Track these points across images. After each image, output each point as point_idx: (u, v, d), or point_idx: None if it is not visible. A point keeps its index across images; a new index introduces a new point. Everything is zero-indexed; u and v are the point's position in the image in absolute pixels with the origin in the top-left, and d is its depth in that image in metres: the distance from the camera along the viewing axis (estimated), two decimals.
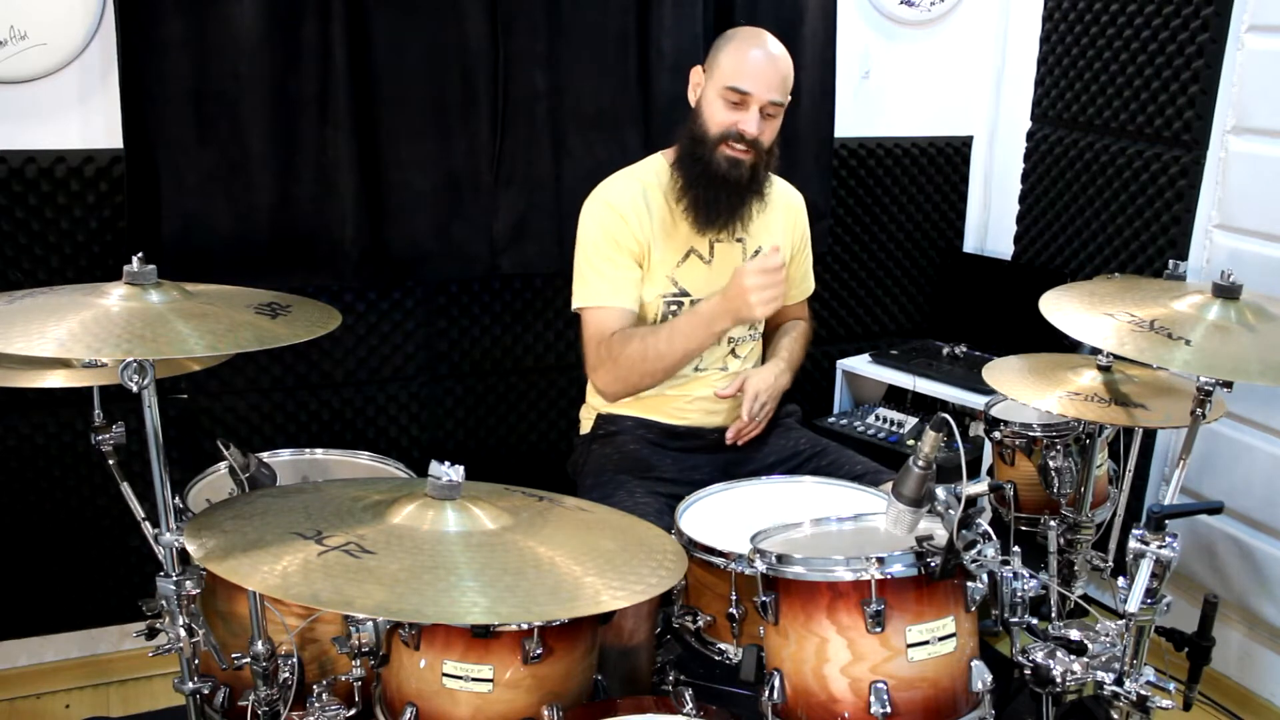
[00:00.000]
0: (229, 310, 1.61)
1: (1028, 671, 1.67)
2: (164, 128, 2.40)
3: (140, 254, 1.60)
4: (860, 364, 3.13)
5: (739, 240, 2.22)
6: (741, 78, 2.05)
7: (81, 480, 2.56)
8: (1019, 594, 1.55)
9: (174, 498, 1.59)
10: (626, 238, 2.13)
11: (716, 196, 2.11)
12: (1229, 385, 1.68)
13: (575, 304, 2.16)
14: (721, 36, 2.15)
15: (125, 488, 1.82)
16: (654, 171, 2.21)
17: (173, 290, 1.59)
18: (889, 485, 1.54)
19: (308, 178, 2.52)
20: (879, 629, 1.48)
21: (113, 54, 2.35)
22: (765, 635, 1.61)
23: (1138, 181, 2.76)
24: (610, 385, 2.13)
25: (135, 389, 1.46)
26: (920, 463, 1.47)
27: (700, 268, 2.19)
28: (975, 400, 2.75)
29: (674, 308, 2.18)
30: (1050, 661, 1.65)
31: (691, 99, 2.16)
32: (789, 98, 2.12)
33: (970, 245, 3.37)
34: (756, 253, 2.23)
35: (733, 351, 2.26)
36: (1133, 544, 1.53)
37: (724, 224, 2.14)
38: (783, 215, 2.31)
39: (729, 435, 2.20)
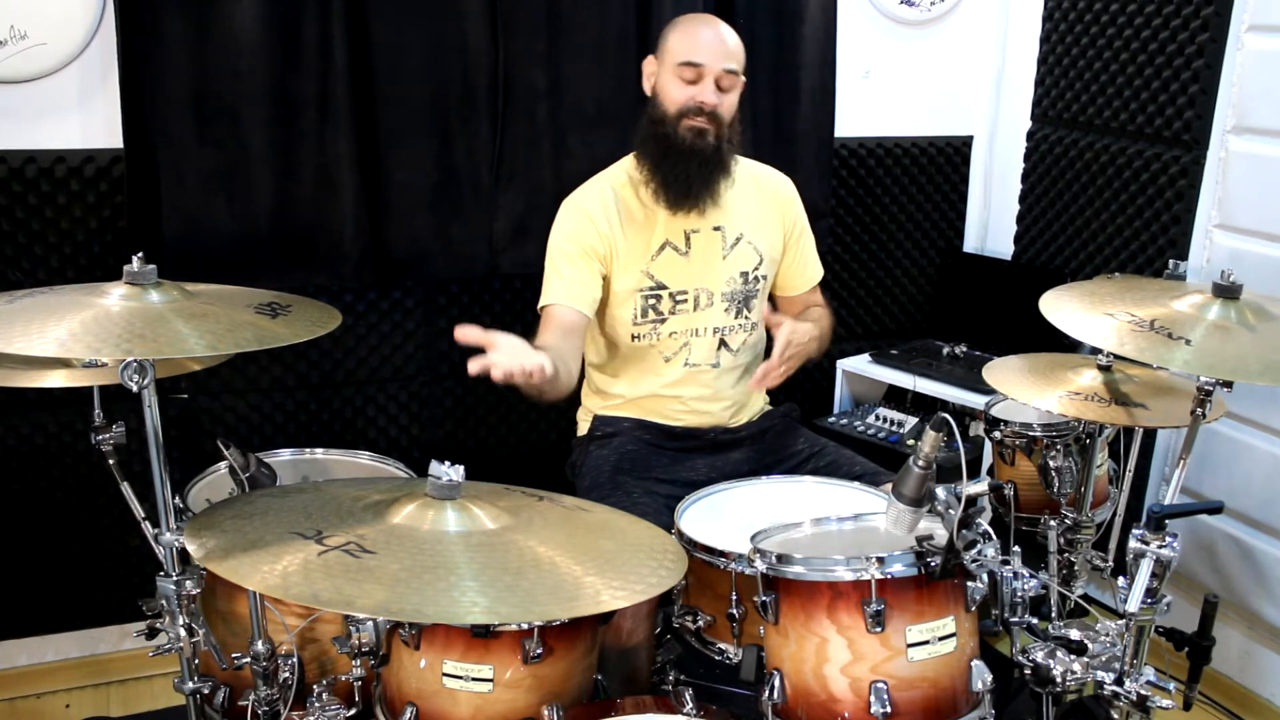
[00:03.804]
0: (229, 310, 1.61)
1: (1028, 671, 1.67)
2: (164, 128, 2.40)
3: (140, 254, 1.60)
4: (860, 364, 3.13)
5: (717, 229, 2.22)
6: (693, 52, 2.10)
7: (81, 480, 2.55)
8: (1019, 594, 1.55)
9: (174, 498, 1.59)
10: (590, 236, 2.14)
11: (685, 170, 2.12)
12: (1229, 385, 1.68)
13: (539, 304, 2.16)
14: (668, 24, 2.19)
15: (125, 488, 1.82)
16: (624, 170, 2.23)
17: (173, 290, 1.59)
18: (889, 485, 1.54)
19: (308, 178, 2.52)
20: (879, 629, 1.48)
21: (113, 54, 2.35)
22: (765, 635, 1.61)
23: (1138, 181, 2.76)
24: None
25: (135, 389, 1.46)
26: (920, 463, 1.47)
27: (677, 260, 2.20)
28: (975, 400, 2.74)
29: (652, 301, 2.19)
30: (1050, 661, 1.65)
31: (646, 88, 2.19)
32: (743, 73, 2.14)
33: (970, 245, 3.37)
34: (738, 240, 2.24)
35: (723, 344, 2.25)
36: (1133, 544, 1.53)
37: (696, 199, 2.14)
38: (771, 203, 2.30)
39: (752, 383, 2.10)
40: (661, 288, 2.19)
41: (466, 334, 1.68)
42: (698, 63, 2.09)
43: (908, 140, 3.21)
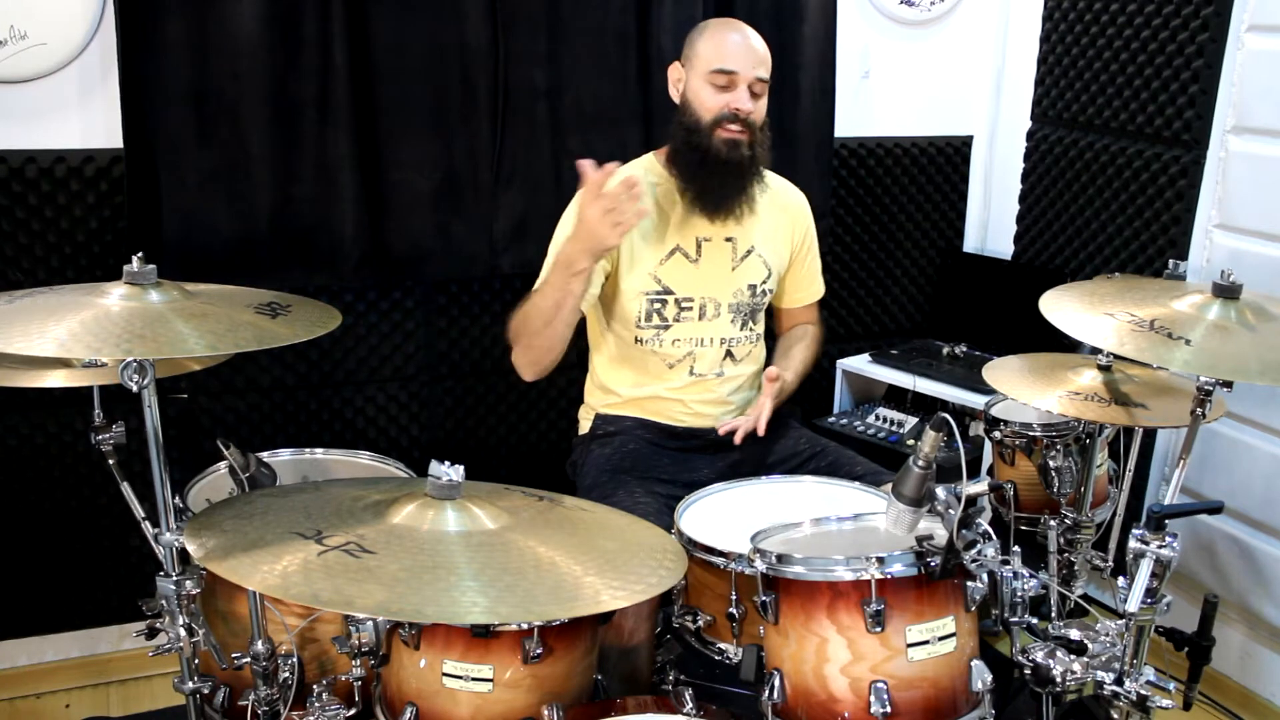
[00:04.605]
0: (229, 310, 1.61)
1: (1028, 671, 1.67)
2: (164, 128, 2.40)
3: (140, 254, 1.60)
4: (860, 364, 3.13)
5: (729, 240, 2.22)
6: (725, 59, 2.09)
7: (81, 480, 2.55)
8: (1019, 594, 1.55)
9: (174, 498, 1.59)
10: None
11: (723, 182, 2.13)
12: (1229, 385, 1.68)
13: (536, 285, 2.15)
14: (694, 30, 2.19)
15: (125, 488, 1.82)
16: (643, 169, 2.22)
17: (173, 290, 1.59)
18: (889, 485, 1.54)
19: (308, 178, 2.52)
20: (879, 629, 1.48)
21: (113, 54, 2.35)
22: (765, 635, 1.61)
23: (1138, 181, 2.76)
24: (516, 358, 2.11)
25: (135, 389, 1.46)
26: (920, 462, 1.47)
27: (686, 266, 2.20)
28: (975, 400, 2.74)
29: (657, 305, 2.19)
30: (1050, 661, 1.65)
31: (674, 95, 2.19)
32: (770, 78, 2.14)
33: (970, 245, 3.37)
34: (748, 253, 2.24)
35: (729, 354, 2.26)
36: (1133, 544, 1.53)
37: (731, 208, 2.15)
38: (783, 217, 2.31)
39: (724, 428, 2.15)
40: (668, 293, 2.19)
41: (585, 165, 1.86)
42: (731, 70, 2.08)
43: (908, 140, 3.21)
